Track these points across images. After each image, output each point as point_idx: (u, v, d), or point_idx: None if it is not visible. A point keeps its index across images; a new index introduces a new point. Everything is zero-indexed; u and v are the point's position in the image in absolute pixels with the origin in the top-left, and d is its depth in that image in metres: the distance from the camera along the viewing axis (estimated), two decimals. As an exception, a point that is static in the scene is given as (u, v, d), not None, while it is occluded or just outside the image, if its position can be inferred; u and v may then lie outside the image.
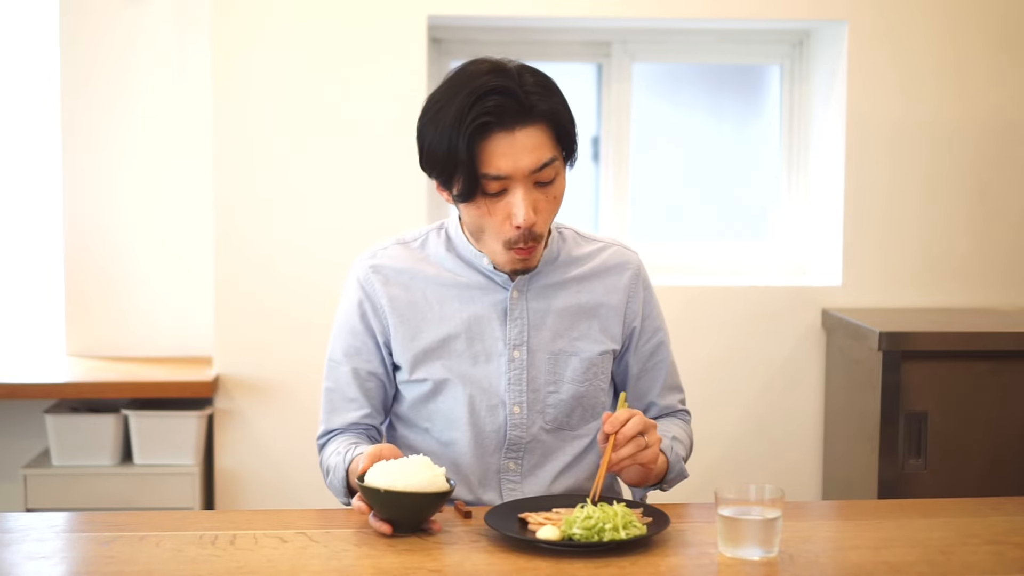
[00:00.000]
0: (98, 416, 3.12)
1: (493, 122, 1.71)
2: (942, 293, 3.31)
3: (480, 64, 1.77)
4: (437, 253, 1.90)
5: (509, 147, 1.72)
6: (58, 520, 1.74)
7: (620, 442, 1.70)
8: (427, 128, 1.77)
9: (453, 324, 1.87)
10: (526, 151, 1.73)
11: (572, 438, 1.90)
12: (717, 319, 3.28)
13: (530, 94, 1.73)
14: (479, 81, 1.72)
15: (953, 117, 3.27)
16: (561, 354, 1.88)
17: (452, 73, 1.79)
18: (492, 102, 1.71)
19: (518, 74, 1.75)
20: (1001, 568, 1.52)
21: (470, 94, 1.72)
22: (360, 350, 1.90)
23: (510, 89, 1.72)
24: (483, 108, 1.71)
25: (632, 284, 1.94)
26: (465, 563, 1.52)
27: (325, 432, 1.93)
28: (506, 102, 1.71)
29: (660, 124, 3.59)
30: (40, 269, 3.44)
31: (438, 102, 1.76)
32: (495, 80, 1.72)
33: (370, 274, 1.90)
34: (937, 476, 2.89)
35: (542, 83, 1.77)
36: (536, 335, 1.87)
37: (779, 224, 3.52)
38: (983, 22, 3.25)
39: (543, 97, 1.75)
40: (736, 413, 3.30)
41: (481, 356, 1.86)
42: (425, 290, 1.88)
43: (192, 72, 3.33)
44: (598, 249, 1.95)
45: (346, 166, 3.18)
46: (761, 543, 1.52)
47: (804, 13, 3.24)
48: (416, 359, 1.87)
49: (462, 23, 3.31)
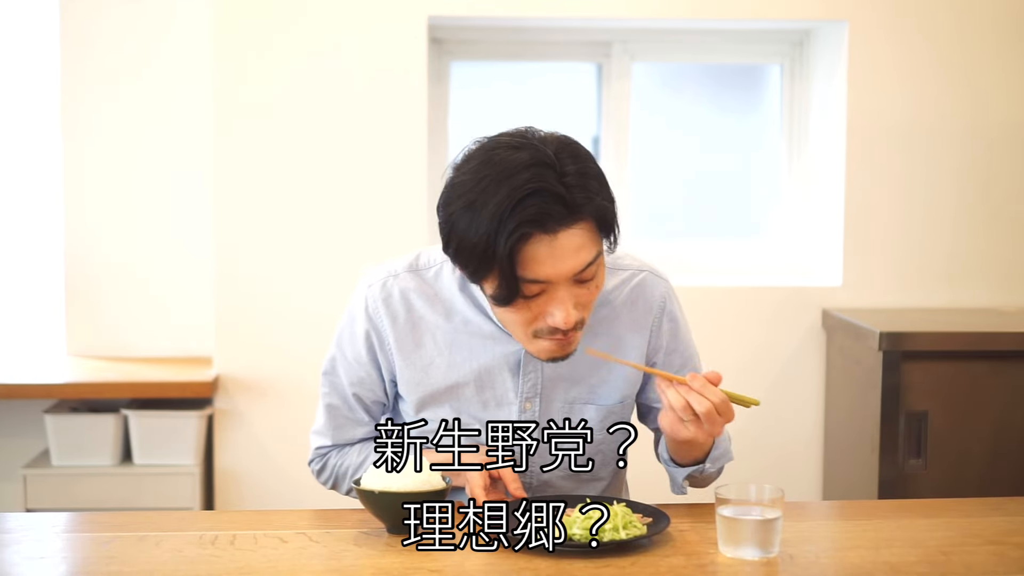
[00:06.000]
0: (98, 416, 3.12)
1: (536, 229, 1.56)
2: (942, 293, 3.31)
3: (516, 152, 1.59)
4: (450, 290, 1.79)
5: (550, 251, 1.57)
6: (58, 520, 1.73)
7: (690, 395, 1.62)
8: (459, 219, 1.59)
9: (461, 372, 1.78)
10: (569, 254, 1.58)
11: (590, 481, 1.86)
12: (717, 319, 3.28)
13: (574, 190, 1.57)
14: (519, 179, 1.56)
15: (953, 117, 3.26)
16: (576, 403, 1.80)
17: (483, 155, 1.61)
18: (534, 208, 1.54)
19: (559, 162, 1.58)
20: (1001, 568, 1.52)
21: (510, 195, 1.55)
22: (364, 380, 1.84)
23: (554, 191, 1.56)
24: (525, 215, 1.54)
25: (655, 319, 1.83)
26: (465, 563, 1.52)
27: (333, 445, 1.89)
28: (550, 207, 1.55)
29: (660, 124, 3.59)
30: (40, 269, 3.44)
31: (471, 191, 1.58)
32: (536, 180, 1.55)
33: (379, 306, 1.79)
34: (937, 476, 2.89)
35: (583, 171, 1.60)
36: (551, 386, 1.80)
37: (779, 224, 3.52)
38: (983, 22, 3.25)
39: (586, 193, 1.58)
40: (736, 413, 3.29)
41: (491, 403, 1.80)
42: (435, 333, 1.79)
43: (193, 72, 3.33)
44: (624, 280, 1.83)
45: (346, 166, 3.18)
46: (761, 543, 1.52)
47: (804, 13, 3.24)
48: (423, 401, 1.81)
49: (462, 23, 3.30)
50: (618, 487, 1.96)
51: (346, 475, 1.87)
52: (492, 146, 1.62)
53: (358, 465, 1.86)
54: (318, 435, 1.91)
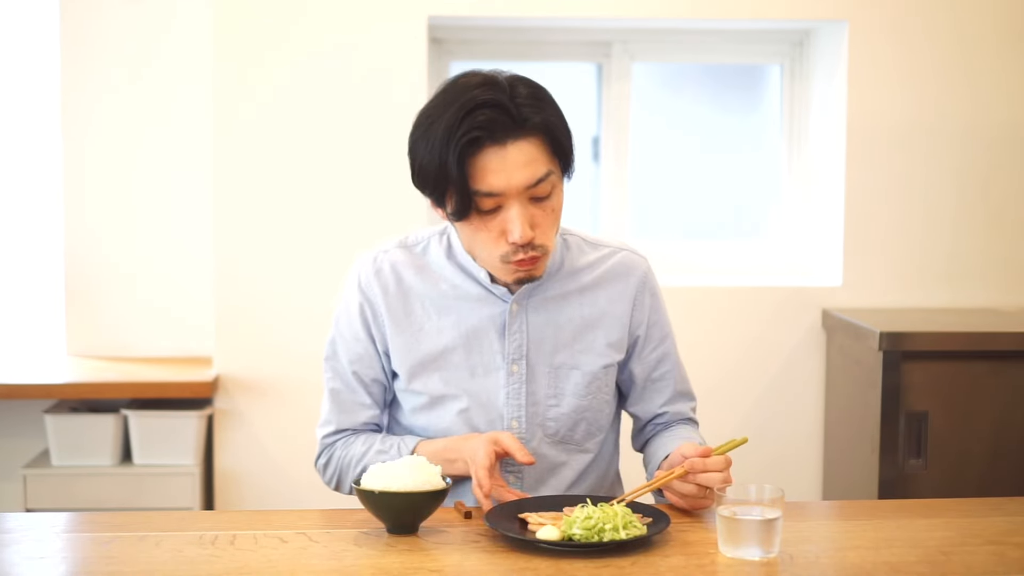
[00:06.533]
0: (98, 416, 3.12)
1: (484, 136, 1.66)
2: (942, 293, 3.31)
3: (471, 77, 1.71)
4: (438, 261, 1.87)
5: (501, 163, 1.67)
6: (58, 520, 1.73)
7: (692, 482, 1.67)
8: (418, 144, 1.72)
9: (450, 336, 1.84)
10: (519, 166, 1.68)
11: (577, 452, 1.89)
12: (717, 319, 3.28)
13: (522, 106, 1.68)
14: (469, 95, 1.67)
15: (953, 117, 3.27)
16: (562, 368, 1.85)
17: (443, 86, 1.73)
18: (483, 116, 1.65)
19: (510, 86, 1.70)
20: (1001, 568, 1.52)
21: (460, 108, 1.66)
22: (363, 356, 1.88)
23: (501, 102, 1.67)
24: (473, 122, 1.65)
25: (638, 292, 1.90)
26: (465, 563, 1.52)
27: (337, 431, 1.90)
28: (497, 116, 1.66)
29: (660, 124, 3.59)
30: (40, 269, 3.44)
31: (429, 117, 1.71)
32: (486, 93, 1.67)
33: (371, 279, 1.87)
34: (937, 476, 2.89)
35: (535, 94, 1.71)
36: (536, 349, 1.84)
37: (779, 224, 3.52)
38: (982, 22, 3.25)
39: (536, 109, 1.69)
40: (736, 413, 3.30)
41: (479, 369, 1.84)
42: (424, 300, 1.85)
43: (193, 72, 3.33)
44: (604, 256, 1.90)
45: (346, 166, 3.18)
46: (761, 543, 1.52)
47: (804, 13, 3.24)
48: (413, 370, 1.85)
49: (462, 23, 3.31)
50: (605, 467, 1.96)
51: (350, 465, 1.87)
52: (452, 79, 1.75)
53: (362, 454, 1.86)
54: (323, 426, 1.93)
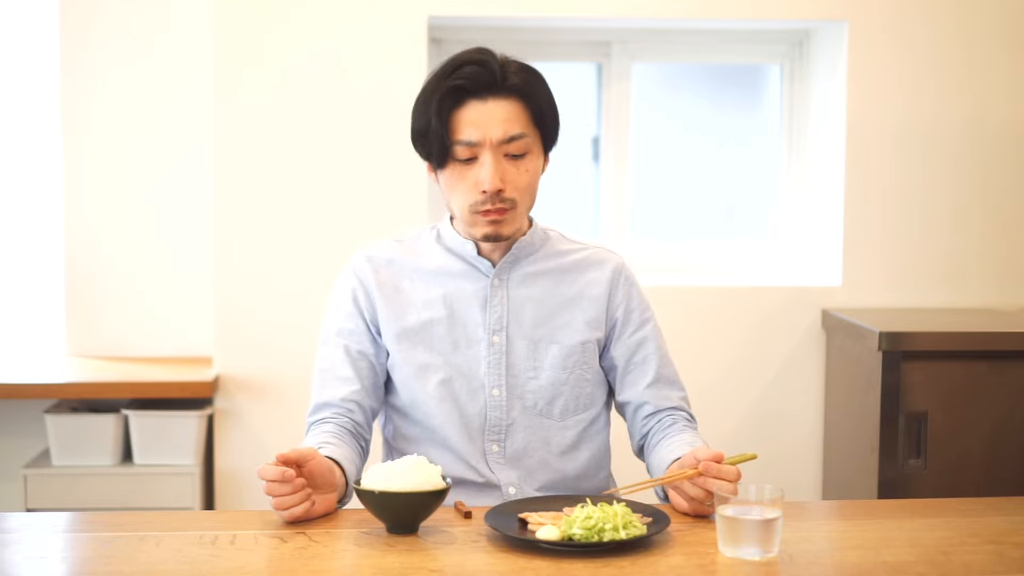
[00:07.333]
0: (98, 416, 3.12)
1: (466, 86, 1.80)
2: (942, 293, 3.31)
3: (471, 48, 1.87)
4: (427, 245, 1.98)
5: (479, 115, 1.81)
6: (58, 520, 1.74)
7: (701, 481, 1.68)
8: (415, 108, 1.86)
9: (435, 308, 1.93)
10: (496, 121, 1.81)
11: (559, 428, 1.94)
12: (717, 319, 3.28)
13: (507, 71, 1.82)
14: (461, 56, 1.83)
15: (953, 117, 3.27)
16: (541, 341, 1.93)
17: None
18: (468, 70, 1.80)
19: (502, 57, 1.85)
20: (1001, 568, 1.52)
21: (449, 64, 1.83)
22: (352, 331, 1.95)
23: (487, 62, 1.82)
24: (459, 75, 1.80)
25: (615, 277, 1.98)
26: (465, 563, 1.52)
27: (316, 407, 1.95)
28: (480, 72, 1.80)
29: (660, 124, 3.59)
30: (40, 269, 3.44)
31: (427, 81, 1.86)
32: (476, 55, 1.83)
33: (363, 263, 1.97)
34: (937, 476, 2.89)
35: (524, 68, 1.85)
36: (516, 322, 1.93)
37: (779, 224, 3.52)
38: (982, 22, 3.25)
39: (520, 75, 1.83)
40: (736, 413, 3.30)
41: (462, 342, 1.92)
42: (412, 276, 1.96)
43: (193, 71, 3.33)
44: (581, 247, 2.01)
45: (346, 166, 3.18)
46: (761, 543, 1.52)
47: (804, 13, 3.24)
48: (399, 337, 1.93)
49: (462, 23, 3.30)
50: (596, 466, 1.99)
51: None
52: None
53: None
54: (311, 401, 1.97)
